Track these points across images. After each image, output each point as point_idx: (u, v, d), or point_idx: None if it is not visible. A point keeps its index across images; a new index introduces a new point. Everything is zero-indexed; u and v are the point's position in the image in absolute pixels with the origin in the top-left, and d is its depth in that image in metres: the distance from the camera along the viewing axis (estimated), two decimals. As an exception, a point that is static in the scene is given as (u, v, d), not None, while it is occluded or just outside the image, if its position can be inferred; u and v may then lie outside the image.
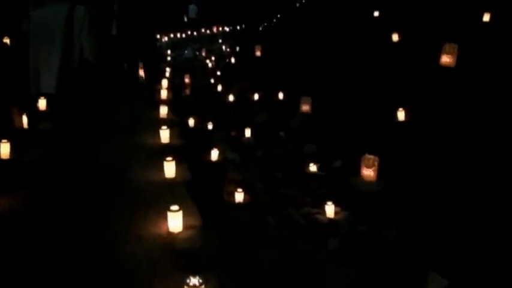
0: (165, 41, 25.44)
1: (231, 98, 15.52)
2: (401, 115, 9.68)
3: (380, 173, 8.65)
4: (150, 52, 10.29)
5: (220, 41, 28.55)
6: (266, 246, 5.93)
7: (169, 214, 4.64)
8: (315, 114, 12.50)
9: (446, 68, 9.66)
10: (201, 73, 20.49)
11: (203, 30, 30.46)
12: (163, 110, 8.79)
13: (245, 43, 22.99)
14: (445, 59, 9.60)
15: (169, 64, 20.54)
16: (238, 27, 31.76)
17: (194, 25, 29.68)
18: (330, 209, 7.58)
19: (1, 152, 6.07)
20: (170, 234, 4.62)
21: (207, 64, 22.41)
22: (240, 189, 7.50)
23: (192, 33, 28.92)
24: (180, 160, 6.50)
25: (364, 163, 8.36)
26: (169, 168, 5.98)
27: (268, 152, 10.77)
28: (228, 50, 26.03)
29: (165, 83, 12.21)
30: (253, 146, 11.03)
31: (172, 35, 26.63)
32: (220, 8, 31.00)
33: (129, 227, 4.71)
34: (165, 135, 7.33)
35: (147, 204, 5.24)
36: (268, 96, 15.31)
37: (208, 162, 9.21)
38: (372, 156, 8.31)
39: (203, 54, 24.70)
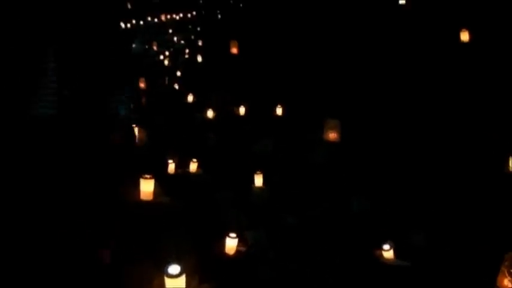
0: (107, 32, 20.81)
1: (209, 113, 11.52)
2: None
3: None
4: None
5: (170, 31, 24.32)
6: None
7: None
8: (345, 145, 8.78)
9: None
10: (155, 73, 16.38)
11: (149, 18, 25.94)
12: (148, 187, 4.66)
13: (211, 35, 18.76)
14: None
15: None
16: (190, 15, 27.36)
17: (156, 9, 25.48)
18: None
19: None
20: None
21: (161, 61, 18.19)
22: None
23: (137, 22, 24.30)
24: None
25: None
26: None
27: (300, 216, 6.95)
28: (182, 42, 21.94)
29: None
30: (276, 208, 7.17)
31: (115, 25, 21.96)
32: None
33: None
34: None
35: None
36: (259, 110, 11.44)
37: (225, 260, 5.32)
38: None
39: (154, 48, 20.47)
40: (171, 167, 7.70)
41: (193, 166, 8.46)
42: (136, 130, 6.55)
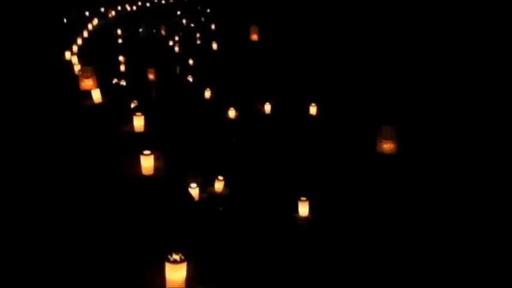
0: (112, 16, 19.17)
1: (231, 113, 9.97)
2: None
3: None
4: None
5: (178, 13, 22.70)
6: None
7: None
8: (403, 158, 7.19)
9: None
10: (164, 60, 14.89)
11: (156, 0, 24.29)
12: (178, 274, 3.12)
13: (225, 18, 17.02)
14: None
15: (120, 49, 14.82)
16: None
17: None
18: None
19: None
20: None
21: (170, 47, 16.65)
22: None
23: (144, 3, 22.66)
24: None
25: None
26: None
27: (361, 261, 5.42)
28: (192, 25, 20.32)
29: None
30: (328, 246, 5.64)
31: (120, 8, 20.28)
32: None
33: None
34: None
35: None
36: (288, 109, 9.87)
37: None
38: None
39: (162, 32, 18.92)
40: (195, 192, 6.21)
41: (218, 185, 7.03)
42: (151, 158, 4.86)
